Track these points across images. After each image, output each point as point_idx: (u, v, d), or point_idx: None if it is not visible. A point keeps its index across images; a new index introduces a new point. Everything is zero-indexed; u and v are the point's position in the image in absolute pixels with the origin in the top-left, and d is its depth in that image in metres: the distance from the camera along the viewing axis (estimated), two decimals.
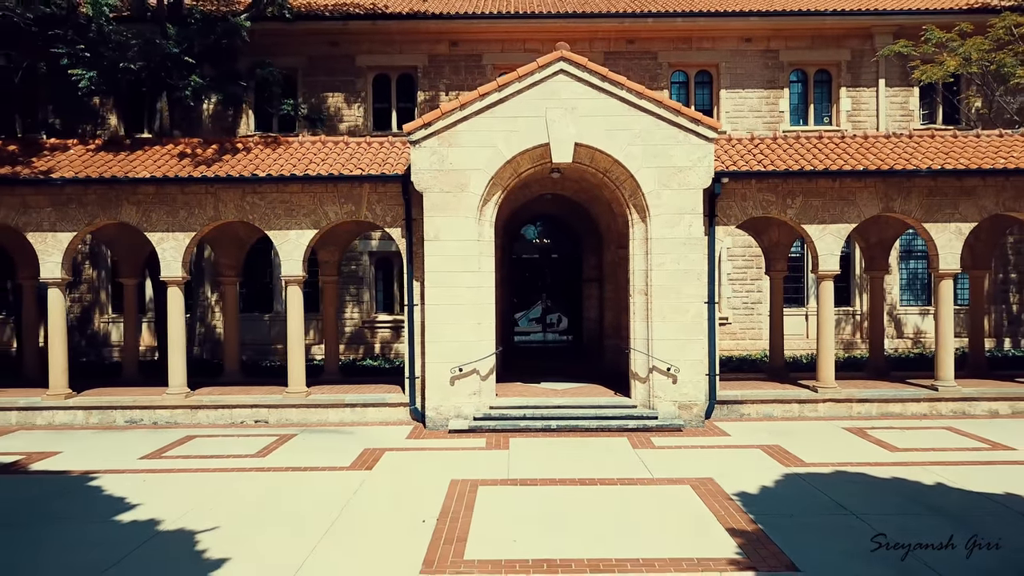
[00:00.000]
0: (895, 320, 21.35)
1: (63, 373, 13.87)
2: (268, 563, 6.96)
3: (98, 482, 9.85)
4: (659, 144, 12.86)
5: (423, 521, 8.10)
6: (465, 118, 12.78)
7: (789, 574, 6.64)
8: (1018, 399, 13.88)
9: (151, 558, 7.11)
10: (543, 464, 10.56)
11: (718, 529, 7.79)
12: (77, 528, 7.99)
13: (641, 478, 9.87)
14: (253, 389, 14.85)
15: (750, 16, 20.57)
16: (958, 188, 13.74)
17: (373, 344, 21.29)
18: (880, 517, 8.09)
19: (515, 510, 8.49)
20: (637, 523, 8.01)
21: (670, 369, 12.92)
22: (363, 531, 7.84)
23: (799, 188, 13.71)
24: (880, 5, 21.09)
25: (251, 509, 8.62)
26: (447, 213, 12.89)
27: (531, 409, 13.19)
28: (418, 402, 13.65)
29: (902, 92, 21.16)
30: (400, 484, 9.66)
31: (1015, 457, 10.71)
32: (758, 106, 21.32)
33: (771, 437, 12.17)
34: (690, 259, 12.96)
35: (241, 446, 11.90)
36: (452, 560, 6.99)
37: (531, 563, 6.90)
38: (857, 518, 8.10)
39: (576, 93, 12.83)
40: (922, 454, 10.96)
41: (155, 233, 13.72)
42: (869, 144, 14.57)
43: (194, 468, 10.56)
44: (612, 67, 20.76)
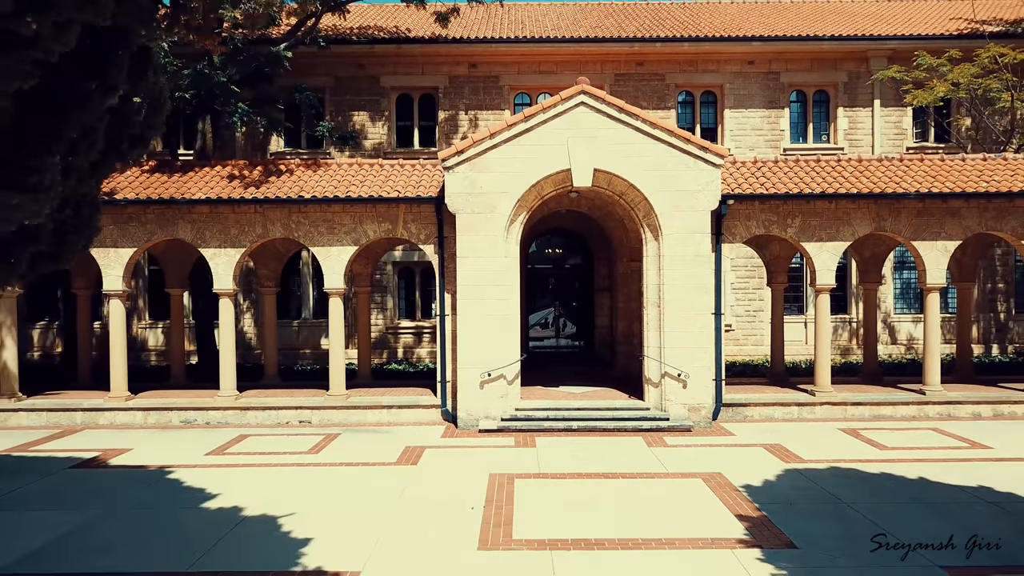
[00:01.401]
0: (889, 327, 22.60)
1: (123, 377, 15.12)
2: (348, 539, 8.20)
3: (175, 475, 11.10)
4: (671, 170, 14.12)
5: (472, 508, 9.35)
6: (494, 146, 14.04)
7: (788, 551, 7.88)
8: (999, 403, 15.14)
9: (247, 537, 8.36)
10: (568, 460, 11.82)
11: (727, 515, 9.04)
12: (174, 514, 9.24)
13: (657, 472, 11.12)
14: (294, 392, 16.10)
15: (752, 41, 21.83)
16: (944, 209, 15.00)
17: (396, 348, 22.54)
18: (868, 506, 9.33)
19: (549, 499, 9.74)
20: (657, 510, 9.26)
21: (680, 375, 14.18)
22: (421, 515, 9.09)
23: (798, 209, 14.96)
24: (875, 31, 22.34)
25: (318, 497, 9.87)
26: (477, 232, 14.15)
27: (553, 411, 14.44)
28: (448, 404, 14.90)
29: (896, 112, 22.42)
30: (445, 477, 10.91)
31: (991, 455, 11.96)
32: (760, 125, 22.58)
33: (773, 437, 13.41)
34: (699, 275, 14.22)
35: (292, 444, 13.15)
36: (503, 539, 8.24)
37: (570, 542, 8.15)
38: (848, 506, 9.34)
39: (595, 123, 14.09)
40: (908, 452, 12.21)
41: (208, 249, 14.98)
42: (863, 167, 15.82)
43: (256, 463, 11.81)
44: (622, 87, 22.13)
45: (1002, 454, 11.98)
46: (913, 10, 25.68)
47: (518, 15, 25.32)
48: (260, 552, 7.91)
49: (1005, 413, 15.09)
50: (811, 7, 26.43)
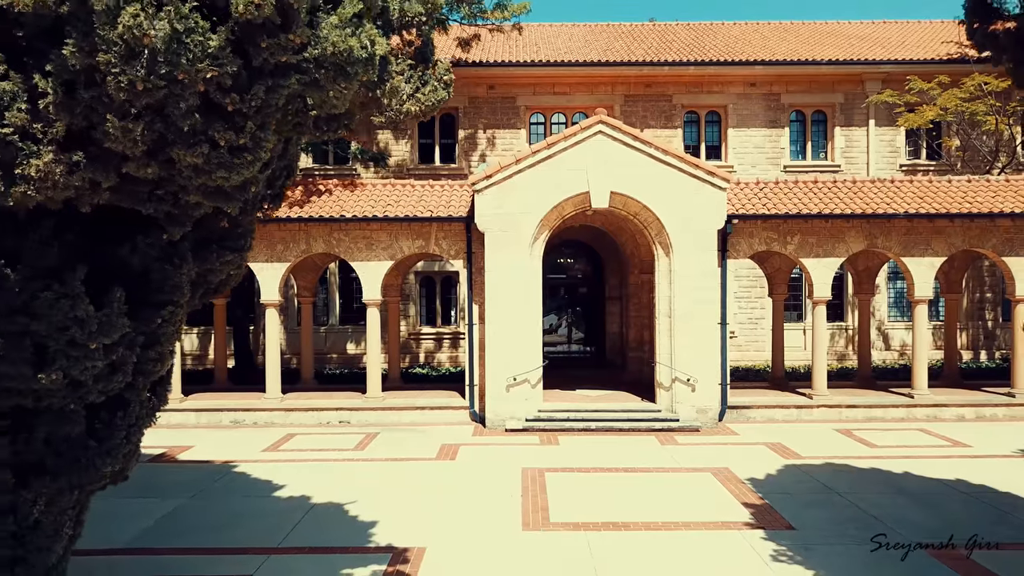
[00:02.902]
0: (883, 334, 23.95)
1: (177, 380, 16.46)
2: (408, 522, 9.54)
3: (240, 469, 12.44)
4: (680, 192, 15.48)
5: (511, 496, 10.69)
6: (520, 171, 15.41)
7: (787, 531, 9.22)
8: (981, 405, 16.49)
9: (321, 519, 9.71)
10: (590, 456, 13.16)
11: (735, 503, 10.38)
12: (251, 502, 10.58)
13: (671, 467, 12.47)
14: (331, 394, 17.45)
15: (755, 65, 23.19)
16: (931, 228, 16.35)
17: (418, 353, 23.89)
18: (857, 496, 10.67)
19: (577, 489, 11.08)
20: (673, 499, 10.60)
21: (689, 380, 15.52)
22: (467, 502, 10.43)
23: (797, 227, 16.32)
24: (870, 54, 23.71)
25: (374, 487, 11.21)
26: (504, 249, 15.51)
27: (573, 412, 15.79)
28: (476, 406, 16.25)
29: (890, 131, 23.77)
30: (481, 470, 12.25)
31: (970, 453, 13.31)
32: (762, 143, 23.94)
33: (774, 436, 14.75)
34: (706, 288, 15.57)
35: (338, 442, 14.50)
36: (542, 522, 9.58)
37: (600, 524, 9.49)
38: (840, 496, 10.68)
39: (612, 150, 15.45)
40: (896, 450, 13.55)
41: (256, 263, 16.32)
42: (857, 188, 17.17)
43: (309, 459, 13.15)
44: (632, 107, 23.51)
45: (979, 452, 13.33)
46: (907, 31, 27.07)
47: (532, 37, 26.68)
48: (335, 532, 9.25)
49: (987, 415, 16.43)
50: (809, 29, 27.80)
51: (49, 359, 4.19)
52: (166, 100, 3.45)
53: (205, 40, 3.29)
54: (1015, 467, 12.23)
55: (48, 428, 4.61)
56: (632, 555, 8.41)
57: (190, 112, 3.52)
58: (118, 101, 3.43)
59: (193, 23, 3.26)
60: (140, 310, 4.59)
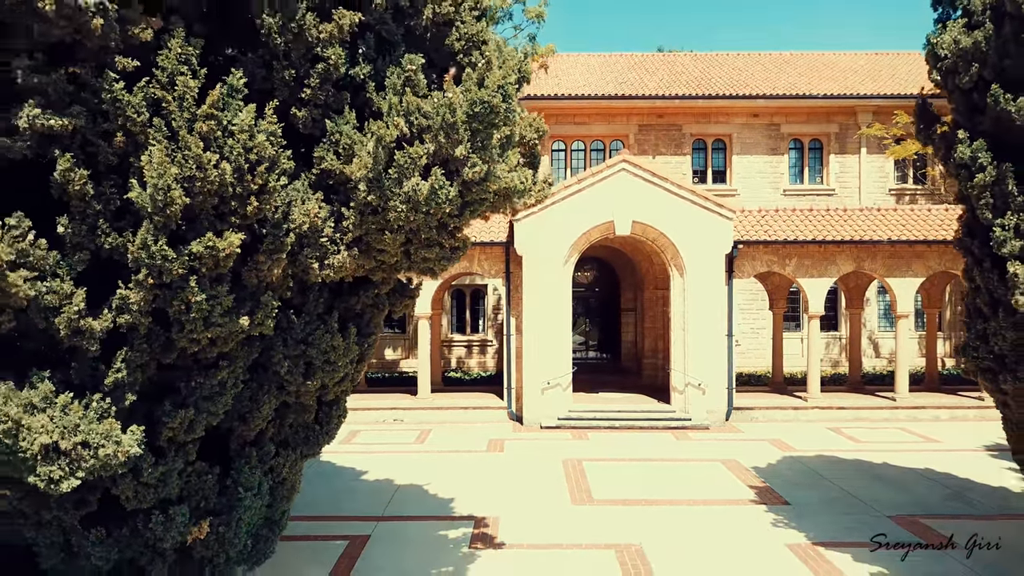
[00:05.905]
0: (874, 343, 26.29)
1: None
2: (477, 498, 11.87)
3: (324, 459, 14.74)
4: (693, 222, 17.84)
5: (556, 479, 13.04)
6: (554, 203, 17.78)
7: (784, 506, 11.56)
8: (955, 407, 18.85)
9: (408, 496, 12.05)
10: (617, 449, 15.50)
11: (741, 485, 12.72)
12: (347, 483, 12.92)
13: (687, 458, 14.82)
14: (382, 396, 19.80)
15: (757, 99, 25.58)
16: (911, 252, 18.70)
17: (450, 359, 26.25)
18: (842, 480, 13.01)
19: (611, 475, 13.43)
20: (691, 482, 12.95)
21: (700, 384, 17.87)
22: (522, 484, 12.77)
23: (794, 251, 18.68)
24: (862, 88, 26.10)
25: (441, 472, 13.55)
26: (539, 270, 17.87)
27: (599, 412, 18.14)
28: (513, 406, 18.61)
29: (879, 159, 26.14)
30: (527, 460, 14.60)
31: (938, 447, 15.66)
32: (763, 169, 26.31)
33: (774, 433, 17.10)
34: (715, 304, 17.93)
35: (398, 437, 16.84)
36: (587, 499, 11.93)
37: (633, 500, 11.83)
38: (827, 480, 13.02)
39: (633, 184, 17.82)
40: (877, 444, 15.90)
41: None
42: (847, 216, 19.53)
43: (379, 451, 15.49)
44: (645, 136, 25.89)
45: (947, 446, 15.70)
46: (899, 63, 29.46)
47: (552, 68, 29.05)
48: (423, 505, 11.60)
49: (959, 416, 18.78)
50: (807, 61, 30.20)
51: (313, 372, 6.52)
52: (420, 225, 5.78)
53: (448, 193, 5.59)
54: (976, 459, 14.58)
55: (294, 416, 6.95)
56: (663, 522, 10.75)
57: (430, 229, 5.85)
58: (391, 225, 5.74)
59: (440, 183, 5.55)
60: (359, 339, 6.92)
